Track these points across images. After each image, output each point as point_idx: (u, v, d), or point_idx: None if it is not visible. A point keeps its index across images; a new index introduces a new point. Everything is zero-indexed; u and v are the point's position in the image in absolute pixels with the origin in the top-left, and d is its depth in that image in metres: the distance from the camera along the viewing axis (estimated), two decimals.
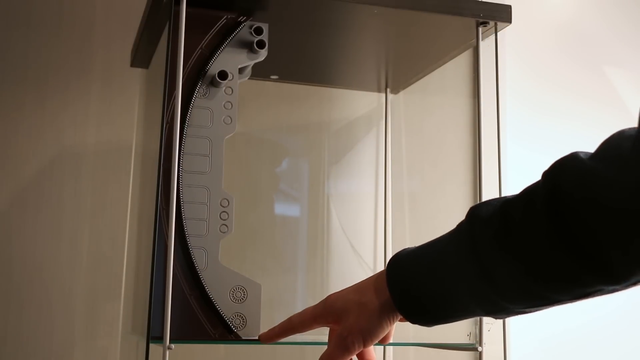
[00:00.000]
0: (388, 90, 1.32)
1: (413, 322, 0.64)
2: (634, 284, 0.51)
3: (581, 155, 0.52)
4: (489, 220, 0.57)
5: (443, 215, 1.26)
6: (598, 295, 0.54)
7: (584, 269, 0.51)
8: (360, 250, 1.32)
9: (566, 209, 0.50)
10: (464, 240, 0.59)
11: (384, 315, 0.64)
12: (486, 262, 0.56)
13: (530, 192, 0.55)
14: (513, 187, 0.64)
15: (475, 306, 0.59)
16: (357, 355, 0.71)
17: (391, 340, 0.75)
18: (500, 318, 0.63)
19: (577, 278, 0.52)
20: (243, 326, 0.81)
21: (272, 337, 0.72)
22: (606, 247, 0.49)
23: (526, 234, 0.53)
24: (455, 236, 0.61)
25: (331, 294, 0.69)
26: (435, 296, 0.61)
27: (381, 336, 0.66)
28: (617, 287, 0.52)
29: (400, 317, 0.65)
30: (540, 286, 0.54)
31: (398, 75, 1.24)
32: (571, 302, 0.55)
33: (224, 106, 0.86)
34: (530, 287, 0.55)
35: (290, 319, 0.71)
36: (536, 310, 0.58)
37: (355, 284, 0.68)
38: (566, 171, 0.52)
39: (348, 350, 0.65)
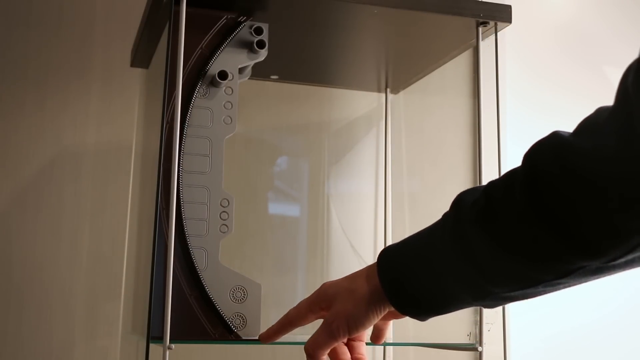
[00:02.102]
0: (388, 90, 1.32)
1: (403, 312, 0.63)
2: (614, 259, 0.50)
3: (560, 133, 0.52)
4: (473, 204, 0.57)
5: None
6: (582, 274, 0.53)
7: (564, 245, 0.51)
8: (360, 250, 1.32)
9: (544, 186, 0.51)
10: (449, 225, 0.60)
11: (372, 303, 0.64)
12: (470, 244, 0.57)
13: (510, 174, 0.55)
14: None
15: (463, 292, 0.59)
16: (348, 347, 0.71)
17: (387, 340, 0.75)
18: (490, 306, 0.62)
19: (557, 255, 0.52)
20: (243, 326, 0.81)
21: (272, 335, 0.72)
22: (585, 220, 0.49)
23: (506, 214, 0.54)
24: (442, 222, 0.61)
25: (326, 282, 0.69)
26: (424, 283, 0.61)
27: (367, 326, 0.65)
28: (597, 263, 0.51)
29: (389, 308, 0.64)
30: (523, 265, 0.54)
31: (398, 75, 1.24)
32: (556, 283, 0.55)
33: (224, 106, 0.86)
34: (512, 267, 0.55)
35: (287, 314, 0.71)
36: (523, 296, 0.58)
37: (348, 276, 0.68)
38: (543, 149, 0.52)
39: (332, 336, 0.65)
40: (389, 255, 0.64)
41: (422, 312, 0.63)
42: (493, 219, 0.55)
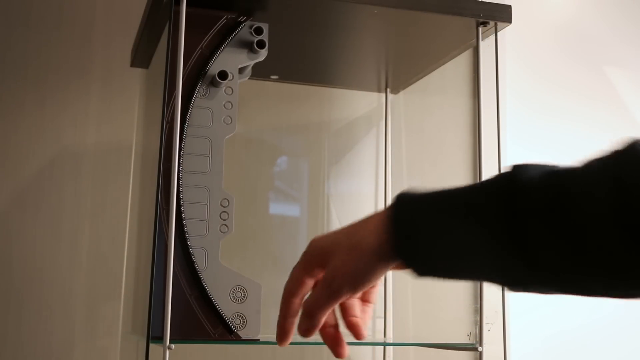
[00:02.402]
0: (388, 90, 1.32)
1: (411, 268, 0.53)
2: None
3: None
4: (542, 193, 0.48)
5: None
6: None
7: None
8: None
9: (636, 213, 0.42)
10: (504, 203, 0.49)
11: (378, 259, 0.53)
12: (526, 241, 0.48)
13: (595, 172, 0.47)
14: None
15: (494, 275, 0.51)
16: (341, 307, 0.59)
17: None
18: (515, 292, 0.56)
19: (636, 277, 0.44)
20: (243, 326, 0.81)
21: (285, 331, 0.61)
22: None
23: (588, 224, 0.45)
24: (495, 193, 0.50)
25: (314, 238, 0.60)
26: (448, 250, 0.51)
27: (374, 282, 0.55)
28: None
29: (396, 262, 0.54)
30: (593, 281, 0.47)
31: (398, 75, 1.24)
32: (608, 296, 0.50)
33: (224, 106, 0.86)
34: (577, 278, 0.47)
35: (283, 291, 0.61)
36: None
37: (343, 228, 0.58)
38: (636, 167, 0.44)
39: (334, 296, 0.55)
40: (409, 205, 0.53)
41: (432, 272, 0.52)
42: (570, 221, 0.46)
